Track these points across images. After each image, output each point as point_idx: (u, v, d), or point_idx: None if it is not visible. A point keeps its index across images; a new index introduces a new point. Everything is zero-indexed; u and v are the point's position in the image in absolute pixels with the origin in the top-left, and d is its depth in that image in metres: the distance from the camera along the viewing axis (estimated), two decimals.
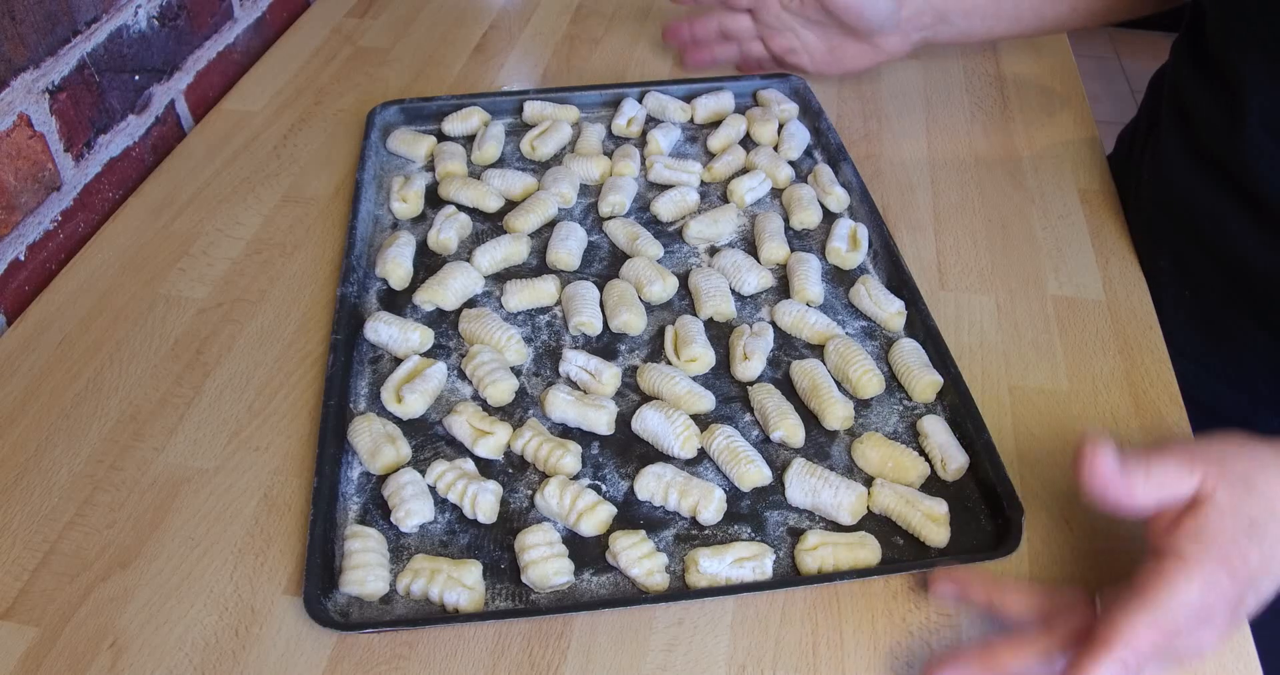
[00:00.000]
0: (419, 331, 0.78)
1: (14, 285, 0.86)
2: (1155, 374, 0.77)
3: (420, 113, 1.03)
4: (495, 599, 0.63)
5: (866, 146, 1.01)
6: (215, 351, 0.80)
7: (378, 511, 0.68)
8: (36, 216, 0.88)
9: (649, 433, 0.71)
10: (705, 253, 0.88)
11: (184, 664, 0.60)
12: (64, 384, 0.77)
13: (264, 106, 1.08)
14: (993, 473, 0.67)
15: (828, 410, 0.72)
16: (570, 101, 1.03)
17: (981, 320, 0.82)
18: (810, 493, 0.66)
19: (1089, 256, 0.87)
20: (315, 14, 1.25)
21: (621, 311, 0.79)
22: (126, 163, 1.00)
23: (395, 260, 0.83)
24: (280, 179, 0.98)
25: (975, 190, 0.95)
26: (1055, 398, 0.75)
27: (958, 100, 1.07)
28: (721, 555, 0.63)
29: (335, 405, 0.72)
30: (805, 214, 0.89)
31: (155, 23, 1.02)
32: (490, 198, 0.91)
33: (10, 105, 0.84)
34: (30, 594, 0.64)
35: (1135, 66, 3.03)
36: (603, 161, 0.95)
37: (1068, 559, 0.65)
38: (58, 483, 0.70)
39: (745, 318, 0.81)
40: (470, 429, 0.71)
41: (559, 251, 0.85)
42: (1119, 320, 0.81)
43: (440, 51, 1.17)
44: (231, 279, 0.86)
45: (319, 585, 0.62)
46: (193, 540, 0.66)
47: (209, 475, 0.70)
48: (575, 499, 0.66)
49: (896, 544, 0.66)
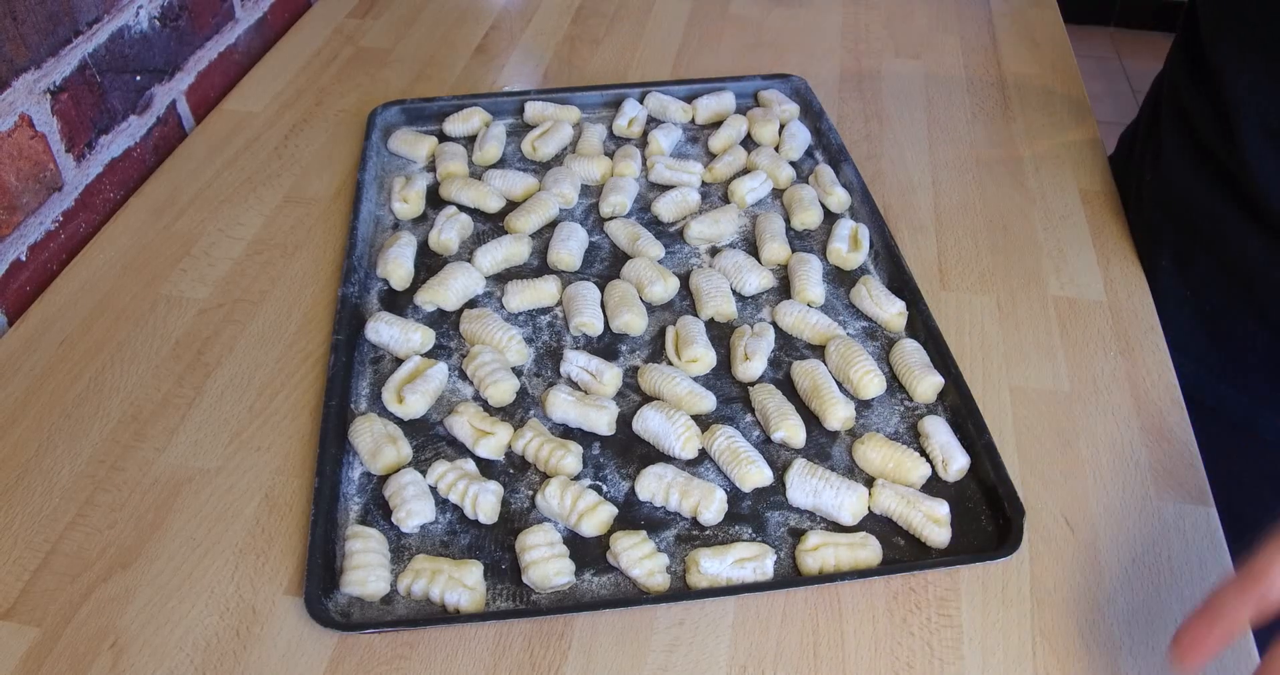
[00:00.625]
0: (420, 332, 0.78)
1: (15, 285, 0.86)
2: (1157, 375, 0.77)
3: (421, 113, 1.03)
4: (496, 599, 0.63)
5: (868, 147, 1.00)
6: (216, 352, 0.80)
7: (379, 512, 0.68)
8: (38, 217, 0.88)
9: (650, 433, 0.71)
10: (706, 253, 0.88)
11: (185, 664, 0.60)
12: (65, 384, 0.77)
13: (265, 107, 1.08)
14: (994, 473, 0.67)
15: (829, 411, 0.72)
16: (571, 102, 1.03)
17: (983, 321, 0.82)
18: (811, 493, 0.66)
19: (1090, 257, 0.87)
20: (316, 14, 1.25)
21: (622, 312, 0.79)
22: (128, 163, 1.00)
23: (396, 261, 0.83)
24: (281, 179, 0.98)
25: (976, 191, 0.95)
26: (1056, 398, 0.75)
27: (959, 101, 1.07)
28: (722, 556, 0.63)
29: (336, 405, 0.72)
30: (806, 214, 0.89)
31: (157, 23, 1.02)
32: (491, 198, 0.91)
33: (12, 105, 0.84)
34: (31, 594, 0.64)
35: (1136, 67, 3.03)
36: (604, 162, 0.95)
37: (1069, 560, 0.65)
38: (59, 483, 0.70)
39: (746, 318, 0.81)
40: (471, 429, 0.71)
41: (560, 252, 0.85)
42: (1120, 321, 0.81)
43: (441, 52, 1.17)
44: (233, 279, 0.86)
45: (320, 585, 0.62)
46: (194, 540, 0.66)
47: (210, 475, 0.70)
48: (576, 499, 0.66)
49: (897, 545, 0.66)
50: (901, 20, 1.23)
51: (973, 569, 0.64)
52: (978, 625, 0.61)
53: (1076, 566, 0.64)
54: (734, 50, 1.17)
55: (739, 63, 1.15)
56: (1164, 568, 0.64)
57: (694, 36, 1.20)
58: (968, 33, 1.20)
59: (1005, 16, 1.23)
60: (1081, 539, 0.66)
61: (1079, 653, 0.60)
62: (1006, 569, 0.64)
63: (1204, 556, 0.65)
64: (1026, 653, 0.60)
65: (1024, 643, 0.61)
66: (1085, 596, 0.63)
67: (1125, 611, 0.62)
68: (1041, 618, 0.62)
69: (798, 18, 1.23)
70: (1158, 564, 0.64)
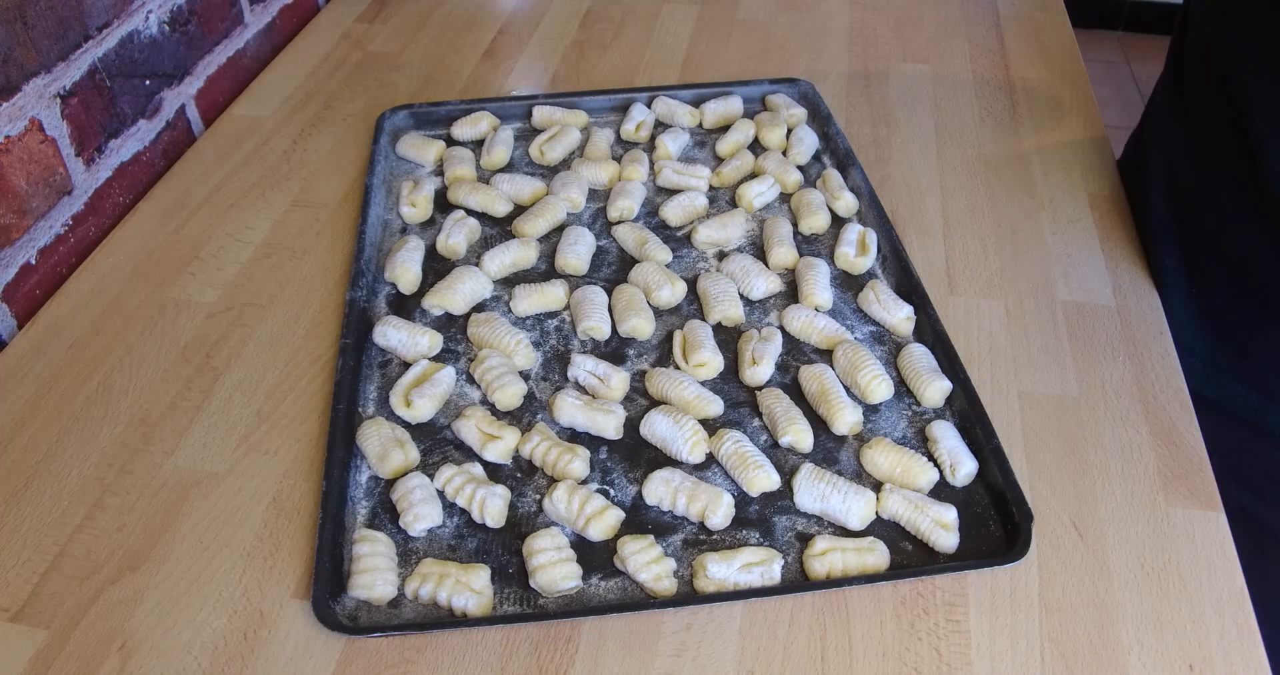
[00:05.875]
0: (428, 336, 0.78)
1: (25, 289, 0.87)
2: (1165, 379, 0.77)
3: (429, 117, 1.03)
4: (503, 603, 0.63)
5: (875, 151, 1.00)
6: (225, 355, 0.80)
7: (386, 515, 0.68)
8: (48, 220, 0.89)
9: (657, 437, 0.71)
10: (714, 257, 0.88)
11: (192, 667, 0.60)
12: (74, 388, 0.77)
13: (274, 111, 1.08)
14: (1002, 478, 0.67)
15: (836, 415, 0.71)
16: (579, 106, 1.04)
17: (991, 325, 0.81)
18: (819, 498, 0.66)
19: (1099, 261, 0.87)
20: (325, 19, 1.25)
21: (630, 316, 0.79)
22: (137, 167, 1.00)
23: (404, 265, 0.84)
24: (290, 184, 0.98)
25: (984, 195, 0.95)
26: (1065, 403, 0.75)
27: (966, 105, 1.07)
28: (730, 560, 0.63)
29: (344, 409, 0.72)
30: (814, 219, 0.89)
31: (166, 28, 1.03)
32: (499, 202, 0.92)
33: (22, 110, 0.85)
34: (40, 597, 0.64)
35: (1144, 71, 3.02)
36: (611, 166, 0.95)
37: (1077, 565, 0.65)
38: (68, 486, 0.70)
39: (754, 322, 0.81)
40: (479, 433, 0.71)
41: (568, 256, 0.85)
42: (1129, 325, 0.81)
43: (449, 56, 1.17)
44: (241, 283, 0.87)
45: (327, 589, 0.62)
46: (202, 544, 0.67)
47: (218, 479, 0.71)
48: (583, 503, 0.66)
49: (905, 549, 0.66)
50: (909, 24, 1.22)
51: (981, 574, 0.64)
52: (986, 630, 0.61)
53: (1085, 572, 0.64)
54: (741, 54, 1.17)
55: (746, 67, 1.15)
56: (1172, 573, 0.64)
57: (701, 41, 1.20)
58: (975, 37, 1.20)
59: (1013, 20, 1.23)
60: (1090, 544, 0.66)
61: (1087, 658, 0.60)
62: (1015, 574, 0.64)
63: (1213, 562, 0.65)
64: (1035, 658, 0.60)
65: (1032, 648, 0.60)
66: (1093, 602, 0.63)
67: (1133, 617, 0.62)
68: (1050, 623, 0.62)
69: (805, 22, 1.23)
70: (1166, 570, 0.64)
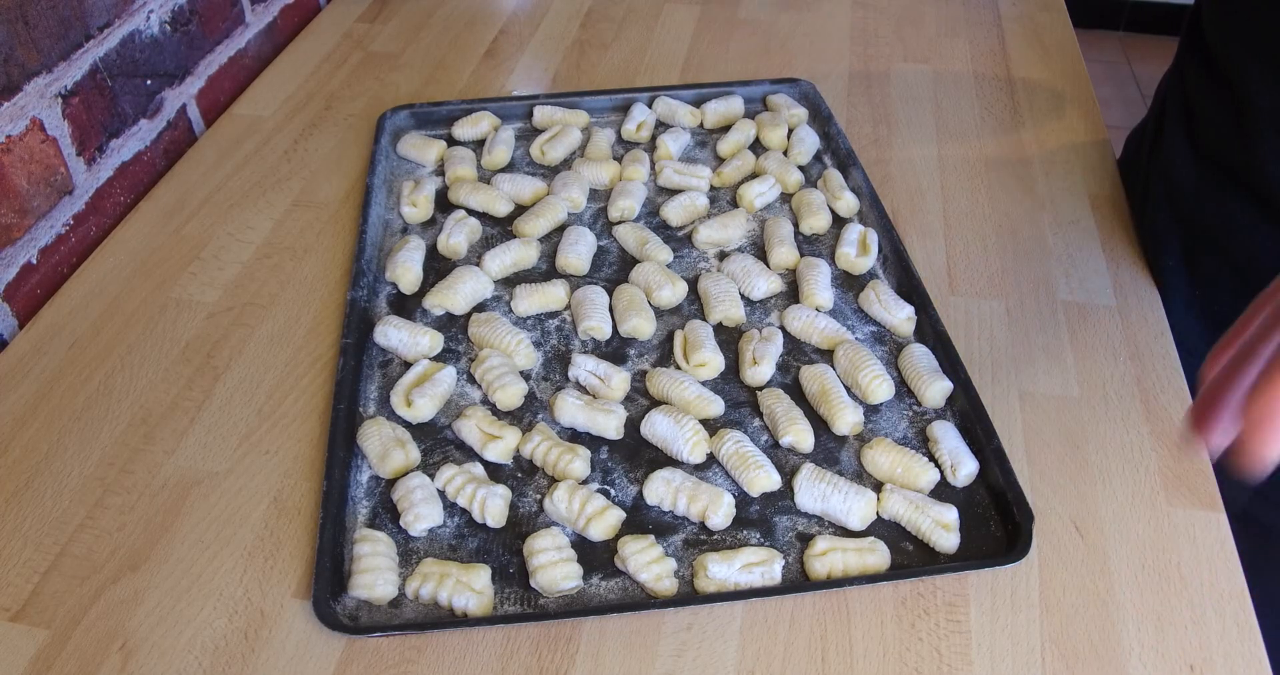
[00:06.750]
0: (429, 336, 0.78)
1: (26, 288, 0.87)
2: (1167, 380, 0.77)
3: (430, 117, 1.03)
4: (504, 603, 0.63)
5: (876, 151, 1.00)
6: (226, 355, 0.80)
7: (387, 515, 0.68)
8: (49, 220, 0.89)
9: (658, 437, 0.71)
10: (715, 257, 0.88)
11: (193, 666, 0.60)
12: (75, 387, 0.77)
13: (275, 111, 1.08)
14: (1003, 479, 0.67)
15: (837, 415, 0.71)
16: (580, 106, 1.04)
17: (992, 325, 0.81)
18: (820, 498, 0.66)
19: (1100, 262, 0.87)
20: (326, 19, 1.25)
21: (631, 316, 0.79)
22: (138, 167, 1.00)
23: (405, 264, 0.84)
24: (291, 183, 0.98)
25: (985, 195, 0.95)
26: (1066, 403, 0.75)
27: (967, 105, 1.07)
28: (730, 560, 0.63)
29: (345, 409, 0.72)
30: (815, 219, 0.89)
31: (167, 28, 1.03)
32: (500, 202, 0.92)
33: (23, 109, 0.85)
34: (41, 596, 0.64)
35: (1145, 71, 3.02)
36: (612, 166, 0.95)
37: (1078, 566, 0.65)
38: (69, 485, 0.70)
39: (754, 322, 0.81)
40: (479, 433, 0.71)
41: (568, 256, 0.85)
42: (1130, 326, 0.81)
43: (450, 56, 1.17)
44: (242, 283, 0.87)
45: (328, 589, 0.62)
46: (203, 543, 0.67)
47: (219, 478, 0.71)
48: (584, 503, 0.66)
49: (906, 550, 0.66)
50: (910, 24, 1.22)
51: (981, 574, 0.64)
52: (986, 631, 0.61)
53: (1085, 572, 0.64)
54: (742, 54, 1.17)
55: (747, 67, 1.15)
56: (1173, 574, 0.64)
57: (702, 41, 1.20)
58: (976, 36, 1.20)
59: (1014, 20, 1.23)
60: (1091, 544, 0.66)
61: (1088, 659, 0.60)
62: (1015, 574, 0.64)
63: (1214, 563, 0.65)
64: (1035, 659, 0.60)
65: (1033, 648, 0.60)
66: (1094, 602, 0.63)
67: (1134, 617, 0.62)
68: (1050, 623, 0.62)
69: (806, 22, 1.23)
70: (1167, 570, 0.64)
